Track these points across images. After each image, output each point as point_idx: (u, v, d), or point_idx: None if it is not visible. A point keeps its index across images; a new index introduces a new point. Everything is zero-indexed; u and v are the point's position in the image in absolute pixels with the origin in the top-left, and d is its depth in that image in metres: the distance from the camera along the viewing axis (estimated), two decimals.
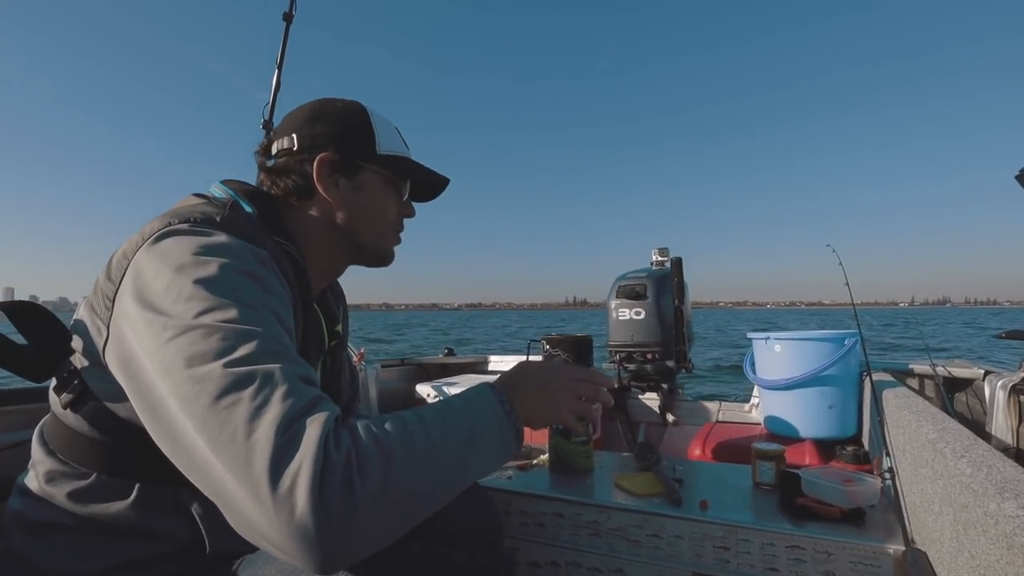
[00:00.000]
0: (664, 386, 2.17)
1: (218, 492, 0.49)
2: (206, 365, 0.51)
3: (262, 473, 0.46)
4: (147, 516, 0.67)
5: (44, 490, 0.66)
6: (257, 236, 0.70)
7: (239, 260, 0.62)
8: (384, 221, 0.88)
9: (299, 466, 0.47)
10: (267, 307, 0.60)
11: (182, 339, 0.53)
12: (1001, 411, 1.55)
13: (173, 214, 0.68)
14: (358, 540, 0.49)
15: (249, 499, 0.46)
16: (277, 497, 0.46)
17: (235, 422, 0.48)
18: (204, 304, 0.56)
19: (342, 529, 0.47)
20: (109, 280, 0.63)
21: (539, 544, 1.11)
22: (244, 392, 0.50)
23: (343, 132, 0.83)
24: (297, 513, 0.46)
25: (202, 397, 0.50)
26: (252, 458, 0.47)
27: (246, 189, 0.80)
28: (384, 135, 0.86)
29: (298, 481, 0.46)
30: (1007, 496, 0.49)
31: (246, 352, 0.53)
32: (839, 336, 1.61)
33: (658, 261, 2.30)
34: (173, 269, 0.58)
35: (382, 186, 0.86)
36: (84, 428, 0.66)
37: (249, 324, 0.56)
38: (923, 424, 0.85)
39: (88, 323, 0.64)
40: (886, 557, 0.85)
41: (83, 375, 0.65)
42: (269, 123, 1.91)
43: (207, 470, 0.49)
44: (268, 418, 0.49)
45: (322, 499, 0.46)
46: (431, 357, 2.68)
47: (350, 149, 0.83)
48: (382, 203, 0.86)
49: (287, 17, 1.95)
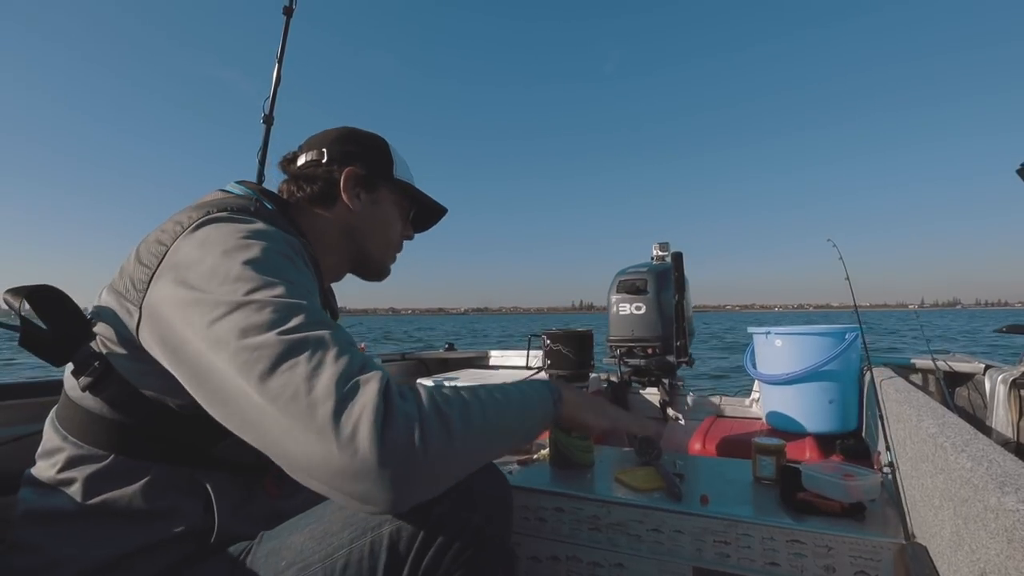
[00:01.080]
0: (664, 381, 2.17)
1: (280, 445, 0.53)
2: (262, 335, 0.56)
3: (326, 420, 0.50)
4: (162, 497, 0.69)
5: (58, 476, 0.68)
6: (285, 226, 0.77)
7: (277, 244, 0.68)
8: (390, 237, 0.99)
9: (361, 411, 0.51)
10: (304, 285, 0.65)
11: (236, 314, 0.57)
12: (1001, 405, 1.55)
13: (209, 204, 0.73)
14: (419, 482, 0.54)
15: (316, 444, 0.50)
16: (342, 437, 0.50)
17: (296, 381, 0.53)
18: (253, 283, 0.60)
19: (405, 469, 0.52)
20: (142, 265, 0.67)
21: (540, 539, 1.11)
22: (301, 356, 0.54)
23: (369, 153, 0.94)
24: (362, 451, 0.50)
25: (261, 362, 0.54)
26: (315, 409, 0.51)
27: (262, 189, 0.87)
28: (400, 165, 0.98)
29: (361, 423, 0.51)
30: (1007, 490, 0.49)
31: (298, 322, 0.58)
32: (839, 331, 1.60)
33: (658, 256, 2.30)
34: (219, 252, 0.63)
35: (393, 206, 0.98)
36: (103, 410, 0.68)
37: (295, 298, 0.61)
38: (923, 418, 0.85)
39: (116, 307, 0.67)
40: (886, 551, 0.85)
41: (108, 357, 0.68)
42: (269, 117, 1.90)
43: (267, 426, 0.53)
44: (327, 374, 0.53)
45: (386, 440, 0.51)
46: (431, 352, 2.68)
47: (373, 167, 0.93)
48: (392, 221, 0.98)
49: (287, 11, 1.94)
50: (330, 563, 0.65)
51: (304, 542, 0.68)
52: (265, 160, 1.87)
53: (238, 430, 0.56)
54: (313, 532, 0.68)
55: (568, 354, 1.57)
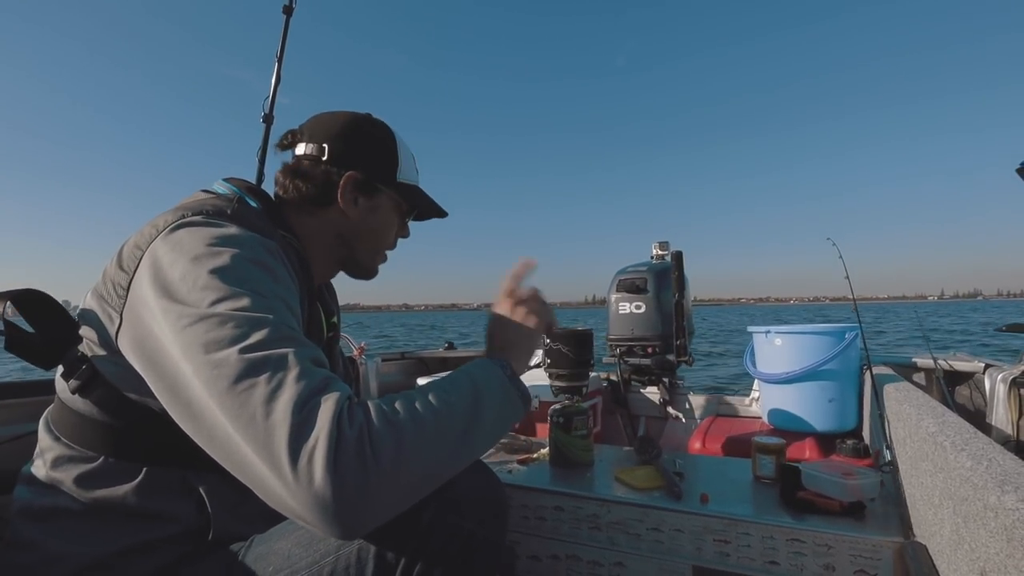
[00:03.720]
0: (664, 380, 2.17)
1: (242, 469, 0.53)
2: (222, 351, 0.54)
3: (282, 451, 0.50)
4: (154, 498, 0.68)
5: (51, 476, 0.68)
6: (265, 228, 0.73)
7: (250, 250, 0.65)
8: (384, 242, 0.95)
9: (315, 442, 0.50)
10: (277, 295, 0.63)
11: (199, 327, 0.56)
12: (1001, 404, 1.55)
13: (185, 207, 0.71)
14: (373, 508, 0.53)
15: (272, 475, 0.50)
16: (297, 472, 0.49)
17: (254, 404, 0.52)
18: (218, 293, 0.58)
19: (357, 498, 0.51)
20: (121, 269, 0.65)
21: (539, 538, 1.11)
22: (260, 376, 0.53)
23: (372, 154, 0.88)
24: (316, 485, 0.49)
25: (220, 381, 0.53)
26: (272, 437, 0.50)
27: (248, 186, 0.83)
28: (405, 164, 0.93)
29: (315, 456, 0.50)
30: (1007, 489, 0.49)
31: (259, 338, 0.56)
32: (839, 330, 1.60)
33: (658, 255, 2.30)
34: (188, 259, 0.61)
35: (392, 211, 0.93)
36: (93, 412, 0.67)
37: (261, 311, 0.59)
38: (923, 417, 0.85)
39: (98, 311, 0.66)
40: (886, 550, 0.85)
41: (93, 361, 0.67)
42: (269, 116, 1.90)
43: (230, 448, 0.52)
44: (284, 398, 0.52)
45: (337, 471, 0.50)
46: (431, 351, 2.68)
47: (375, 172, 0.88)
48: (388, 226, 0.93)
49: (287, 10, 1.93)
50: (316, 570, 0.65)
51: (291, 548, 0.67)
52: (265, 159, 1.87)
53: (206, 447, 0.55)
54: (300, 538, 0.68)
55: (568, 353, 1.56)
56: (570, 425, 1.26)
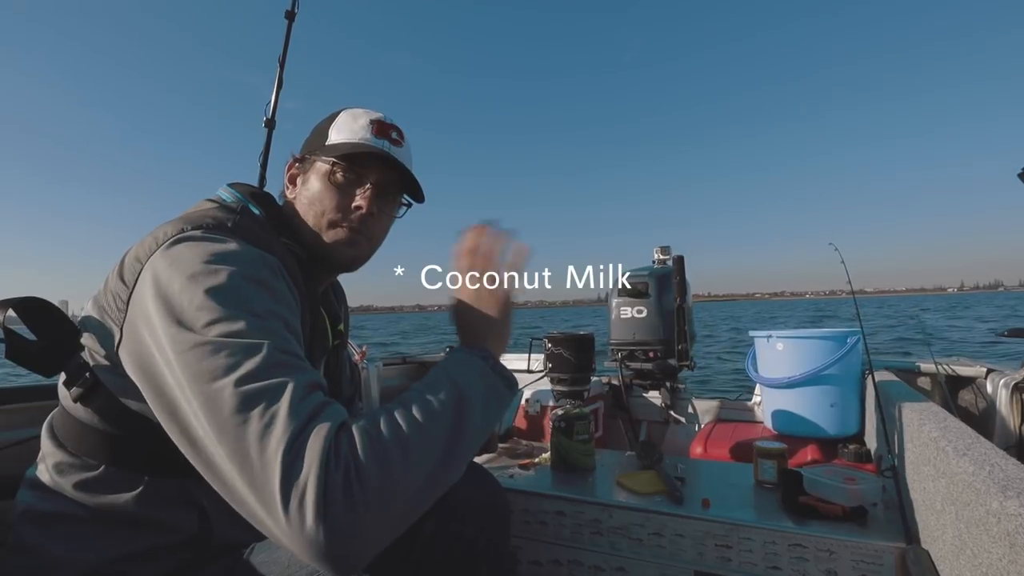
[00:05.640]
0: (666, 384, 2.17)
1: (238, 504, 0.53)
2: (216, 382, 0.54)
3: (274, 494, 0.50)
4: (156, 507, 0.68)
5: (54, 482, 0.68)
6: (267, 241, 0.72)
7: (249, 267, 0.64)
8: (320, 211, 0.81)
9: (304, 485, 0.50)
10: (275, 314, 0.62)
11: (194, 353, 0.56)
12: (1004, 409, 1.55)
13: (186, 219, 0.69)
14: (366, 542, 0.52)
15: (267, 517, 0.51)
16: (289, 516, 0.49)
17: (248, 441, 0.52)
18: (212, 315, 0.58)
19: (349, 536, 0.51)
20: (122, 281, 0.65)
21: (541, 542, 1.11)
22: (253, 412, 0.53)
23: (313, 133, 0.85)
24: (307, 528, 0.49)
25: (215, 415, 0.53)
26: (265, 478, 0.50)
27: (252, 191, 0.82)
28: (344, 127, 0.82)
29: (305, 499, 0.50)
30: (1010, 495, 0.49)
31: (252, 367, 0.55)
32: (841, 335, 1.60)
33: (660, 259, 2.30)
34: (186, 277, 0.61)
35: (323, 175, 0.81)
36: (94, 421, 0.67)
37: (256, 336, 0.58)
38: (925, 422, 0.85)
39: (100, 321, 0.66)
40: (888, 555, 0.85)
41: (95, 370, 0.67)
42: (271, 121, 1.90)
43: (226, 480, 0.53)
44: (275, 437, 0.52)
45: (327, 513, 0.50)
46: (433, 355, 2.68)
47: (308, 146, 0.84)
48: (325, 190, 0.81)
49: (289, 15, 1.94)
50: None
51: (291, 557, 0.67)
52: (267, 164, 1.87)
53: (204, 473, 0.56)
54: None
55: (569, 357, 1.57)
56: (572, 430, 1.26)
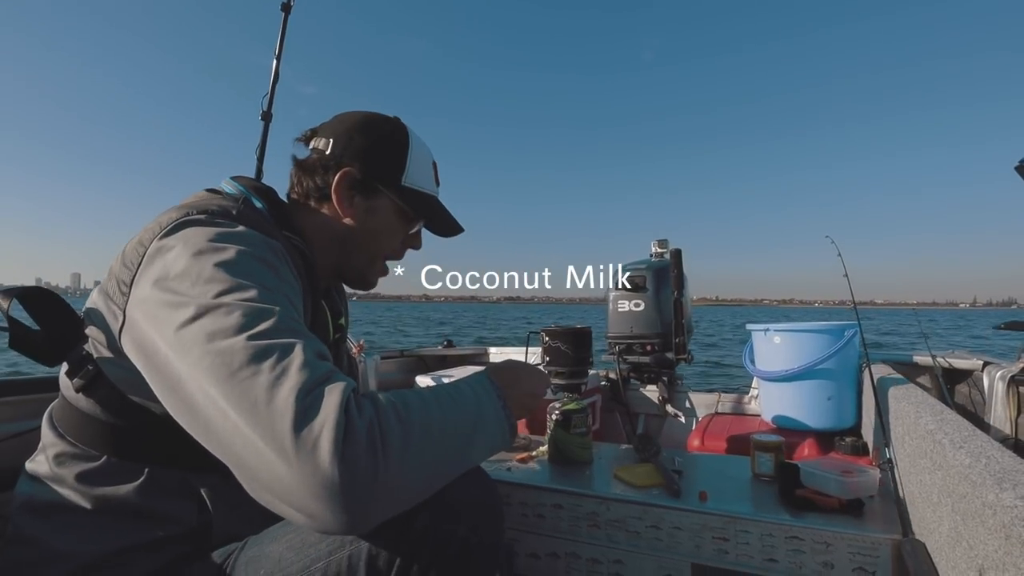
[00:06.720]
0: (664, 378, 2.17)
1: (240, 457, 0.52)
2: (228, 339, 0.54)
3: (286, 433, 0.49)
4: (155, 499, 0.68)
5: (54, 472, 0.68)
6: (270, 229, 0.73)
7: (255, 248, 0.65)
8: (380, 248, 0.89)
9: (322, 426, 0.50)
10: (281, 291, 0.63)
11: (205, 318, 0.56)
12: (1000, 402, 1.56)
13: (190, 206, 0.70)
14: (379, 499, 0.52)
15: (275, 457, 0.49)
16: (301, 454, 0.48)
17: (257, 390, 0.51)
18: (223, 285, 0.58)
19: (365, 486, 0.50)
20: (125, 267, 0.65)
21: (538, 535, 1.12)
22: (264, 363, 0.53)
23: (375, 152, 0.84)
24: (321, 468, 0.48)
25: (224, 368, 0.53)
26: (274, 421, 0.50)
27: (255, 185, 0.82)
28: (416, 168, 0.87)
29: (321, 440, 0.49)
30: (1005, 487, 0.49)
31: (265, 327, 0.56)
32: (838, 328, 1.61)
33: (657, 253, 2.30)
34: (192, 254, 0.61)
35: (394, 215, 0.87)
36: (96, 411, 0.67)
37: (267, 303, 0.59)
38: (922, 415, 0.85)
39: (103, 309, 0.66)
40: (884, 547, 0.86)
41: (97, 361, 0.67)
42: (268, 114, 1.89)
43: (229, 436, 0.52)
44: (288, 385, 0.52)
45: (345, 456, 0.49)
46: (430, 349, 2.68)
47: (376, 171, 0.84)
48: (388, 231, 0.88)
49: (285, 8, 1.93)
50: (307, 575, 0.64)
51: (282, 552, 0.67)
52: (263, 156, 1.86)
53: (203, 440, 0.55)
54: (291, 542, 0.67)
55: (567, 351, 1.57)
56: (569, 423, 1.26)
